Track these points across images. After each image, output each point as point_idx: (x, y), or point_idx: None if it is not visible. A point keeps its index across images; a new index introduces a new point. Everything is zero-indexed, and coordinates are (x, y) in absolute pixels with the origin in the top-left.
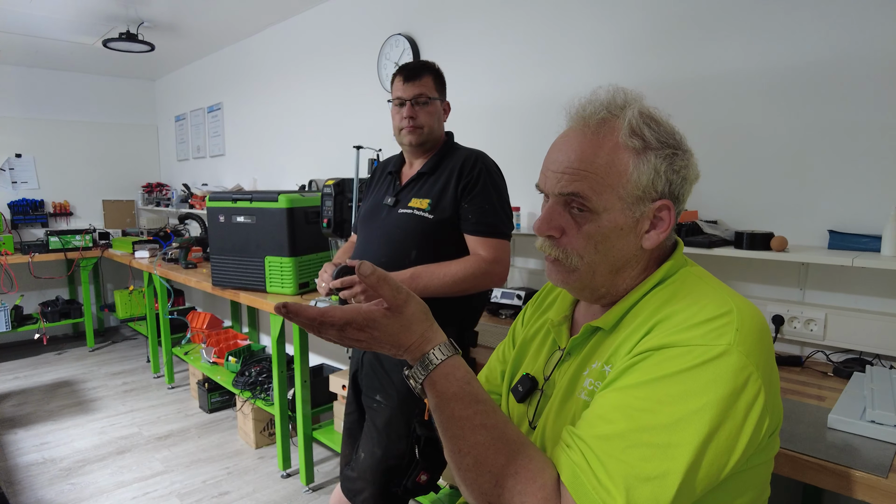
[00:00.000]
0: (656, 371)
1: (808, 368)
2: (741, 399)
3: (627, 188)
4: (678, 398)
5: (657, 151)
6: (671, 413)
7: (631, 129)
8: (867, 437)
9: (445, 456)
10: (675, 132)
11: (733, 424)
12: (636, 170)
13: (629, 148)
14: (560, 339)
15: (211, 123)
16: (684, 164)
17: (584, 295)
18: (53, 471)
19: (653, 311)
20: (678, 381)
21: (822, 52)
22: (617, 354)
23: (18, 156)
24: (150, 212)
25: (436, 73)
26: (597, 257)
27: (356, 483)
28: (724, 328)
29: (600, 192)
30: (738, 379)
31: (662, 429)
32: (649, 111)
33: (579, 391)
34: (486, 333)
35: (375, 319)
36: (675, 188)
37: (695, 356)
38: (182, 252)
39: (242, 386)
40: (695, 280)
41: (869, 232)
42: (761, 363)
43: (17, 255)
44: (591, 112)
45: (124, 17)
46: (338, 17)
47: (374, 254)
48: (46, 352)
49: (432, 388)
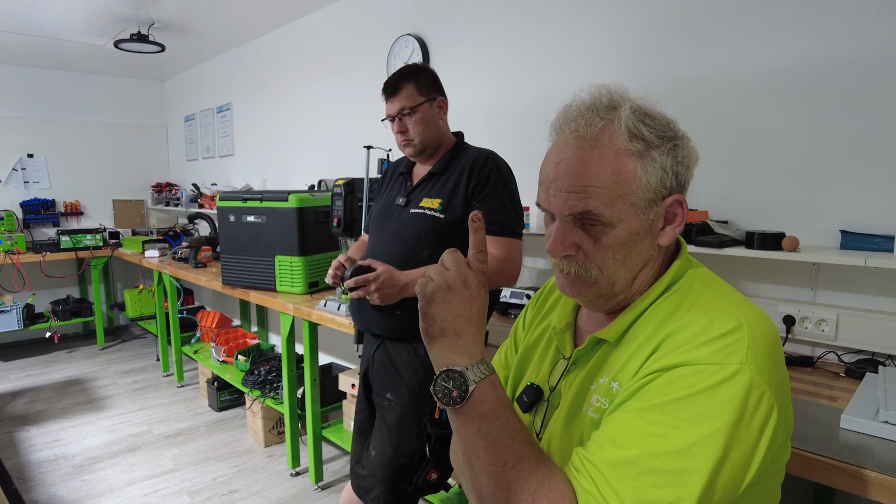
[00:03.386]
0: (668, 393)
1: (819, 369)
2: (755, 419)
3: (638, 194)
4: (691, 422)
5: (659, 149)
6: (684, 437)
7: (629, 132)
8: (880, 437)
9: (455, 466)
10: (669, 121)
11: (747, 445)
12: (644, 173)
13: (632, 153)
14: (564, 348)
15: (220, 123)
16: (686, 153)
17: (597, 305)
18: (65, 468)
19: (659, 325)
20: (691, 403)
21: (834, 52)
22: (625, 371)
23: (30, 156)
24: (159, 211)
25: (416, 77)
26: (616, 266)
27: (367, 481)
28: (734, 345)
29: (612, 204)
30: (750, 399)
31: (675, 454)
32: (641, 106)
33: (587, 407)
34: (495, 333)
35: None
36: (682, 179)
37: (706, 377)
38: (192, 251)
39: (252, 385)
40: (700, 286)
41: (882, 232)
42: (773, 379)
43: (29, 255)
44: (585, 122)
45: (135, 19)
46: (347, 18)
47: (387, 253)
48: (57, 350)
49: (473, 408)
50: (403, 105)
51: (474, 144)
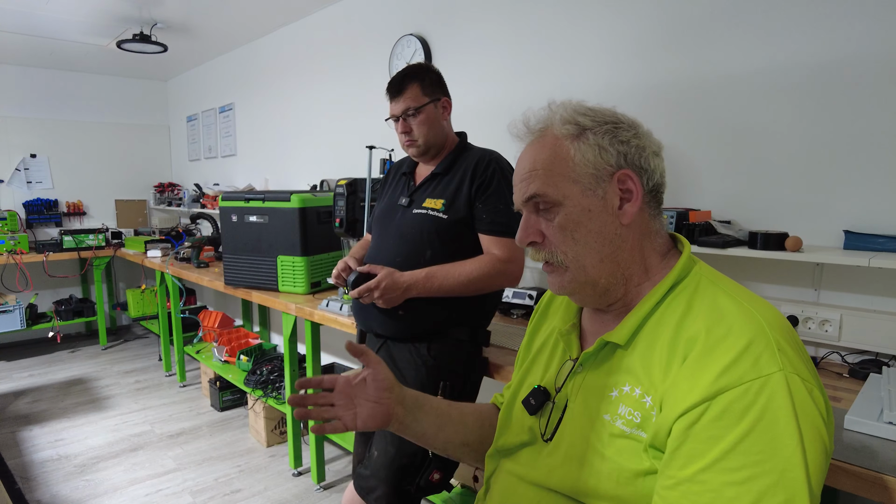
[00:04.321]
0: (730, 429)
1: (822, 369)
2: (813, 416)
3: (577, 170)
4: (770, 451)
5: (594, 129)
6: (773, 469)
7: (563, 120)
8: (884, 438)
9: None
10: (613, 113)
11: (818, 442)
12: (578, 151)
13: (566, 135)
14: (570, 349)
15: (223, 123)
16: (633, 134)
17: (588, 298)
18: (68, 467)
19: (675, 330)
20: (759, 432)
21: (837, 51)
22: (651, 381)
23: (33, 156)
24: (161, 211)
25: (420, 77)
26: (578, 247)
27: (369, 481)
28: (766, 352)
29: (554, 183)
30: (802, 400)
31: (774, 488)
32: (582, 103)
33: (612, 417)
34: (498, 333)
35: None
36: (633, 158)
37: (756, 396)
38: (194, 251)
39: (254, 384)
40: (707, 285)
41: (886, 232)
42: (808, 369)
43: (32, 254)
44: (533, 122)
45: (138, 19)
46: (349, 18)
47: (389, 254)
48: (60, 350)
49: None
50: (408, 105)
51: (477, 145)
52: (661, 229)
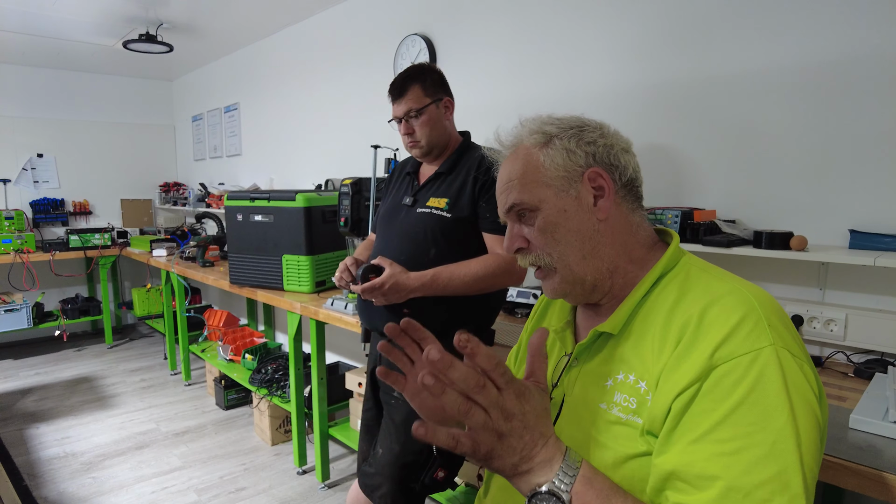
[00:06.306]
0: (721, 402)
1: (827, 369)
2: (804, 390)
3: (549, 174)
4: (761, 422)
5: (560, 136)
6: (763, 440)
7: (531, 131)
8: (889, 437)
9: None
10: (578, 118)
11: (809, 416)
12: (547, 157)
13: (535, 144)
14: (566, 344)
15: (228, 123)
16: (598, 134)
17: (579, 296)
18: (74, 465)
19: (668, 315)
20: (750, 404)
21: (842, 50)
22: (645, 366)
23: (40, 156)
24: (167, 211)
25: (422, 78)
26: (560, 247)
27: (374, 479)
28: (756, 328)
29: (529, 190)
30: (792, 374)
31: (765, 460)
32: (550, 115)
33: (608, 405)
34: (502, 332)
35: (531, 389)
36: (601, 156)
37: (747, 370)
38: (199, 250)
39: (259, 383)
40: (698, 273)
41: (891, 231)
42: (798, 345)
43: (39, 253)
44: (505, 139)
45: (144, 19)
46: (354, 18)
47: (393, 253)
48: (66, 348)
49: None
50: (410, 107)
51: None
52: (642, 222)
